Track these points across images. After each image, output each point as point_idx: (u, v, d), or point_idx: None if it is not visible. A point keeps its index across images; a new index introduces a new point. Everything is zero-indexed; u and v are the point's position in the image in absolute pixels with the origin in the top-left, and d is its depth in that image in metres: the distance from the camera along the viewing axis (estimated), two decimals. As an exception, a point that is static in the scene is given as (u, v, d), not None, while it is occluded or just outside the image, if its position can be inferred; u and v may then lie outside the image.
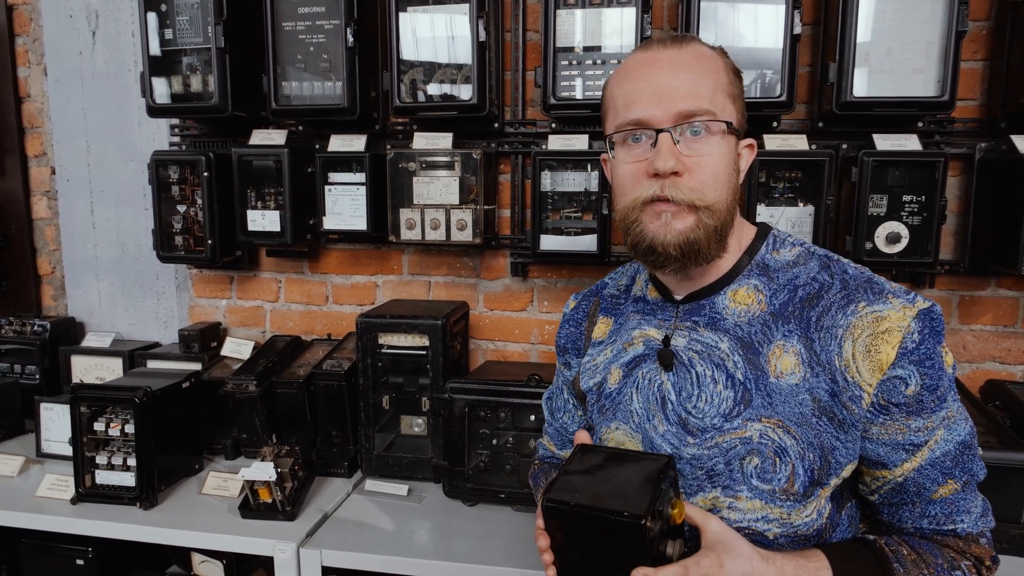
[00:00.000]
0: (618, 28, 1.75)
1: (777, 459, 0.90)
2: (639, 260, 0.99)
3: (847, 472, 0.93)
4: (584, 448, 0.95)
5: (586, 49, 1.77)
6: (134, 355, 2.15)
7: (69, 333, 2.32)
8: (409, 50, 1.83)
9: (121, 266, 2.33)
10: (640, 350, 1.04)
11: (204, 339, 2.14)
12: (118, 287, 2.35)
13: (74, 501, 1.67)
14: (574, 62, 1.78)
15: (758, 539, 0.91)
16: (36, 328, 2.25)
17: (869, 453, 0.92)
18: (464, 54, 1.81)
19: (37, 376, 2.23)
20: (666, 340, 1.00)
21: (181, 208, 2.04)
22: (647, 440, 1.00)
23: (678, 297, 1.03)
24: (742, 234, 1.01)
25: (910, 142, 1.70)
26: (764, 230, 1.02)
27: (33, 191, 2.40)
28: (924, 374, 0.87)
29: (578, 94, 1.78)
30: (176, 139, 2.19)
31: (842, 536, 0.97)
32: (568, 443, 1.27)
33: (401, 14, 1.81)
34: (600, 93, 1.75)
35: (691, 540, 0.90)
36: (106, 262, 2.34)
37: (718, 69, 0.94)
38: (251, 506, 1.59)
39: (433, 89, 1.85)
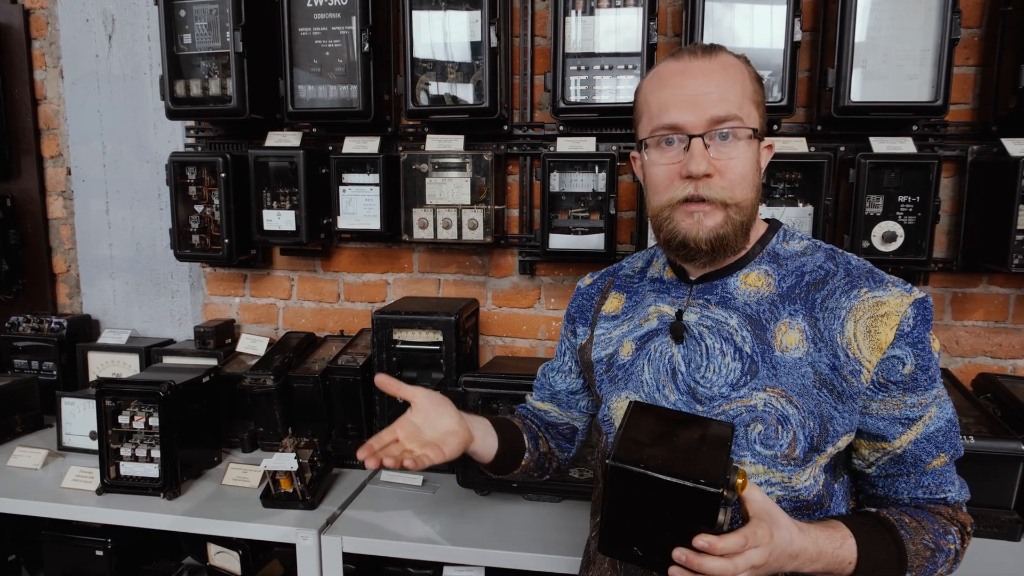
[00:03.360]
0: (625, 34, 1.81)
1: (779, 426, 0.97)
2: (671, 254, 1.07)
3: (843, 443, 1.01)
4: (640, 406, 0.97)
5: (594, 55, 1.83)
6: (151, 351, 2.20)
7: (85, 330, 2.37)
8: (422, 53, 1.89)
9: (136, 264, 2.38)
10: (654, 325, 1.11)
11: (219, 336, 2.20)
12: (133, 285, 2.40)
13: (99, 492, 1.72)
14: (582, 67, 1.84)
15: None
16: (53, 325, 2.29)
17: (870, 427, 1.01)
18: (476, 59, 1.87)
19: (54, 372, 2.28)
20: (679, 315, 1.07)
21: (198, 208, 2.09)
22: None
23: (693, 278, 1.10)
24: (756, 227, 1.08)
25: (905, 145, 1.77)
26: (775, 224, 1.11)
27: (49, 191, 2.45)
28: (918, 355, 0.97)
29: (586, 98, 1.85)
30: (191, 140, 2.24)
31: (838, 505, 1.05)
32: (549, 398, 1.33)
33: (415, 12, 1.86)
34: (607, 97, 1.83)
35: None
36: (121, 261, 2.39)
37: (743, 78, 1.01)
38: (272, 495, 1.65)
39: (444, 91, 1.91)
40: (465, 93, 1.90)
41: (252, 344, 2.16)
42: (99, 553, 1.94)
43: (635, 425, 0.91)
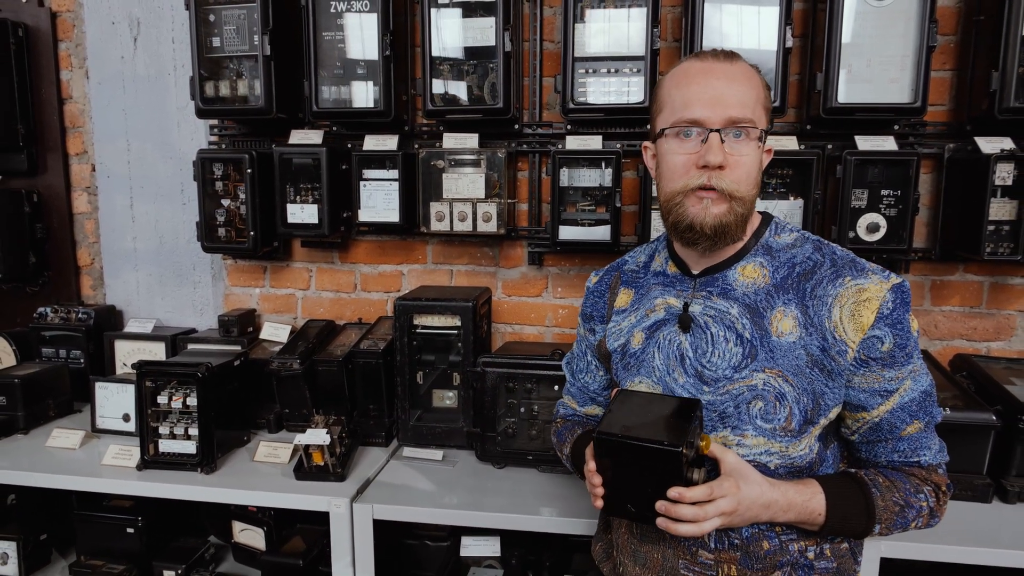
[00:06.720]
0: (629, 39, 1.94)
1: (777, 402, 1.10)
2: (676, 237, 1.18)
3: (833, 414, 1.14)
4: (624, 392, 1.14)
5: (600, 58, 1.97)
6: (176, 339, 2.31)
7: (110, 320, 2.47)
8: (439, 56, 2.02)
9: (159, 257, 2.48)
10: (661, 316, 1.23)
11: (242, 324, 2.31)
12: (156, 277, 2.50)
13: (139, 468, 1.83)
14: (589, 70, 1.97)
15: (761, 470, 1.11)
16: (81, 315, 2.39)
17: (852, 399, 1.14)
18: (491, 62, 1.99)
19: (82, 360, 2.38)
20: (685, 307, 1.20)
21: (224, 202, 2.20)
22: (668, 391, 1.19)
23: (695, 272, 1.22)
24: (751, 220, 1.20)
25: (887, 143, 1.92)
26: (767, 218, 1.23)
27: (74, 187, 2.55)
28: (896, 335, 1.09)
29: (593, 99, 1.98)
30: (214, 138, 2.35)
31: (827, 468, 1.19)
32: (589, 400, 1.47)
33: (433, 17, 1.98)
34: (612, 99, 1.97)
35: (711, 472, 1.10)
36: (145, 253, 2.49)
37: (758, 85, 1.13)
38: (305, 468, 1.76)
39: (460, 92, 2.04)
40: (479, 94, 2.03)
41: (275, 332, 2.28)
42: (130, 531, 2.05)
43: (619, 406, 1.10)
